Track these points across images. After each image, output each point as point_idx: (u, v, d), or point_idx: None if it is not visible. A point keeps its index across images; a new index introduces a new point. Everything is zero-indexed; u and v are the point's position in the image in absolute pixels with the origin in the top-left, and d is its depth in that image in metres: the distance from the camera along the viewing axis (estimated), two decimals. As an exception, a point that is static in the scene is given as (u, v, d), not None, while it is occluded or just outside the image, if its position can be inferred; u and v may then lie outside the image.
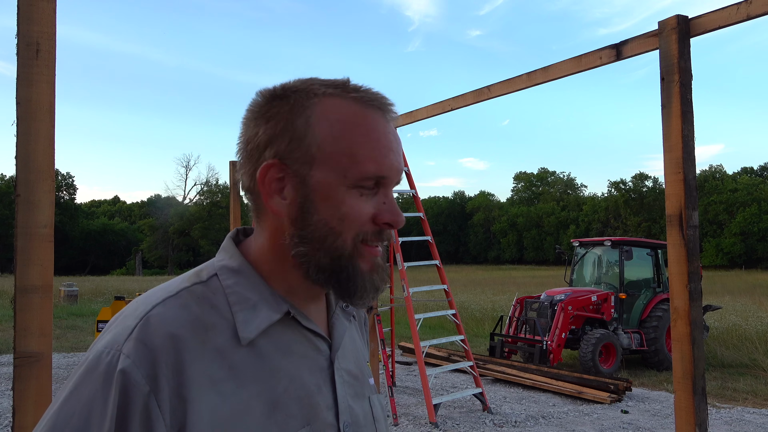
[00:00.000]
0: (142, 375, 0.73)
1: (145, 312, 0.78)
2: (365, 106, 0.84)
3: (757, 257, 58.81)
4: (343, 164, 0.82)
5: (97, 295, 23.81)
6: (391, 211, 0.86)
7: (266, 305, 0.84)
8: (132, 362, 0.73)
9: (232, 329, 0.81)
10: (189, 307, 0.80)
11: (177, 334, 0.77)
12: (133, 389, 0.72)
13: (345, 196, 0.82)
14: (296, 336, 0.87)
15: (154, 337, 0.75)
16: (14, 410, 1.89)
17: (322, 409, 0.86)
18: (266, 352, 0.83)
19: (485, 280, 34.30)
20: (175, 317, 0.78)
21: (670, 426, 6.83)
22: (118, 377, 0.72)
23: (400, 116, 5.96)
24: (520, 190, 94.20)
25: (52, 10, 1.98)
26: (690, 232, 3.00)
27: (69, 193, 73.66)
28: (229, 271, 0.86)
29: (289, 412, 0.82)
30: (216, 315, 0.81)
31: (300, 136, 0.82)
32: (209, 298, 0.83)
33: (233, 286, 0.84)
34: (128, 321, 0.78)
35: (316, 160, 0.82)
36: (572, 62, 3.84)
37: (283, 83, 0.88)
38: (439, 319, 11.94)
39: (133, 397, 0.72)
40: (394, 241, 7.27)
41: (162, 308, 0.79)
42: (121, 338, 0.76)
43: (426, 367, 7.49)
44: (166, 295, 0.82)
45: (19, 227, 1.90)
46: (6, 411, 6.98)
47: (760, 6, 2.87)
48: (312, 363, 0.87)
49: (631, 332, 10.54)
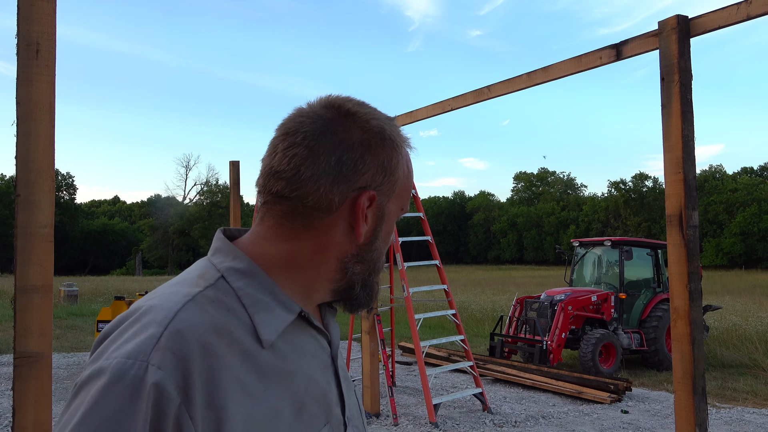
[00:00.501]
0: (174, 387, 0.70)
1: (170, 319, 0.75)
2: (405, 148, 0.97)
3: (757, 257, 58.81)
4: (403, 200, 0.96)
5: (97, 295, 23.81)
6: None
7: (280, 307, 0.84)
8: (164, 374, 0.69)
9: (251, 332, 0.80)
10: (210, 312, 0.78)
11: (207, 341, 0.75)
12: (166, 402, 0.69)
13: (392, 223, 0.96)
14: (306, 336, 0.88)
15: (184, 347, 0.72)
16: (14, 410, 1.89)
17: (334, 406, 0.89)
18: (285, 353, 0.83)
19: (485, 280, 34.30)
20: (201, 323, 0.76)
21: (670, 426, 6.83)
22: (152, 390, 0.68)
23: (400, 116, 5.96)
24: (520, 190, 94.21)
25: (52, 10, 1.98)
26: (690, 232, 3.00)
27: (69, 193, 73.68)
28: (238, 273, 0.85)
29: (312, 411, 0.84)
30: (234, 318, 0.80)
31: (392, 172, 0.91)
32: (223, 302, 0.81)
33: (245, 288, 0.83)
34: (150, 329, 0.74)
35: (394, 194, 0.93)
36: (572, 62, 3.84)
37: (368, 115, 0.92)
38: (439, 319, 11.95)
39: (166, 411, 0.68)
40: (393, 241, 7.28)
41: (186, 315, 0.76)
42: (147, 348, 0.71)
43: (426, 367, 7.49)
44: (184, 299, 0.78)
45: (19, 227, 1.90)
46: (6, 411, 6.98)
47: (760, 6, 2.87)
48: (321, 362, 0.89)
49: (631, 332, 10.54)
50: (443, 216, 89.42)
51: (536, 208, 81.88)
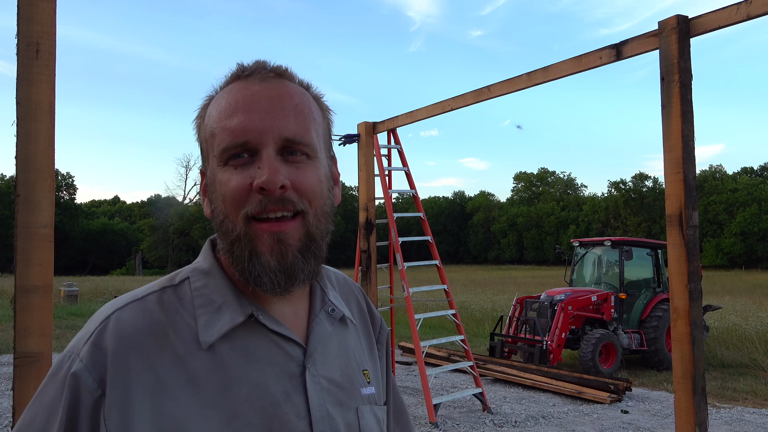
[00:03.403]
0: (93, 379, 0.74)
1: (106, 316, 0.79)
2: (232, 83, 0.83)
3: (757, 257, 58.77)
4: (211, 146, 0.81)
5: (97, 295, 23.80)
6: (261, 173, 0.77)
7: (230, 308, 0.82)
8: (84, 366, 0.74)
9: (194, 333, 0.80)
10: (151, 312, 0.80)
11: (134, 340, 0.77)
12: (83, 392, 0.73)
13: (221, 176, 0.80)
14: (263, 341, 0.83)
15: (106, 341, 0.76)
16: (14, 410, 1.89)
17: (291, 418, 0.80)
18: (228, 358, 0.80)
19: (485, 280, 34.28)
20: (133, 321, 0.78)
21: (670, 426, 6.83)
22: (70, 380, 0.74)
23: (401, 116, 5.96)
24: (520, 190, 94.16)
25: (52, 10, 1.97)
26: (690, 232, 3.00)
27: (69, 193, 73.59)
28: (200, 273, 0.86)
29: (248, 421, 0.77)
30: (180, 319, 0.80)
31: (202, 141, 0.85)
32: (175, 303, 0.82)
33: (201, 289, 0.84)
34: (90, 325, 0.79)
35: (206, 154, 0.84)
36: (572, 62, 3.84)
37: None
38: (439, 319, 11.94)
39: (81, 399, 0.73)
40: (395, 241, 7.28)
41: (122, 312, 0.79)
42: (81, 342, 0.77)
43: (426, 367, 7.49)
44: (131, 299, 0.82)
45: (19, 227, 1.90)
46: (6, 411, 6.98)
47: (760, 6, 2.87)
48: (280, 369, 0.82)
49: (631, 332, 10.53)
50: (443, 216, 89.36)
51: (536, 208, 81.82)
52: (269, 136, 0.78)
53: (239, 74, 0.83)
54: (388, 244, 7.66)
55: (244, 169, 0.78)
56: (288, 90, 0.82)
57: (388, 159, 7.59)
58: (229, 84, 0.84)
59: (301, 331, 0.88)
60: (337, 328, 0.93)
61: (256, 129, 0.78)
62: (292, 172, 0.79)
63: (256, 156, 0.78)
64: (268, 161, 0.77)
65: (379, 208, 7.05)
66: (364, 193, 6.48)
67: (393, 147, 7.46)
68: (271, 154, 0.78)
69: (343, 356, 0.92)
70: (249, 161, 0.78)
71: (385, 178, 7.39)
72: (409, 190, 7.76)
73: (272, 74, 0.82)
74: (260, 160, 0.78)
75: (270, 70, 0.83)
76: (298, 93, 0.83)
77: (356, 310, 1.02)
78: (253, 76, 0.82)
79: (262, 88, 0.81)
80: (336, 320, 0.92)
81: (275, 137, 0.78)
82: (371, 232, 6.52)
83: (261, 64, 0.84)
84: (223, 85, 0.85)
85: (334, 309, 0.92)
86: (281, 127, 0.79)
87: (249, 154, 0.78)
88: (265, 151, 0.78)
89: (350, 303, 1.01)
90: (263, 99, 0.80)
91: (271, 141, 0.78)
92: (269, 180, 0.76)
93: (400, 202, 63.00)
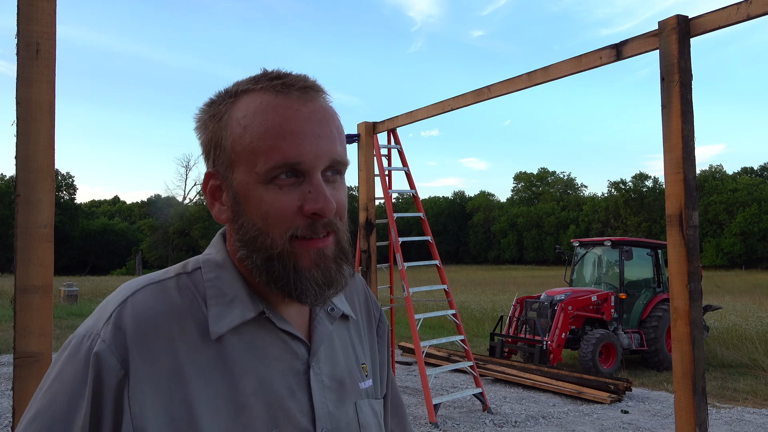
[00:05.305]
0: (117, 360, 0.74)
1: (125, 297, 0.79)
2: (274, 94, 0.81)
3: (757, 257, 58.76)
4: (250, 161, 0.79)
5: (97, 295, 23.79)
6: (315, 200, 0.79)
7: (241, 303, 0.83)
8: (107, 346, 0.75)
9: (206, 323, 0.81)
10: (169, 296, 0.81)
11: (154, 322, 0.78)
12: (107, 373, 0.74)
13: (263, 194, 0.79)
14: (271, 337, 0.85)
15: (126, 321, 0.77)
16: (14, 410, 1.89)
17: (295, 414, 0.83)
18: (237, 350, 0.81)
19: (485, 280, 34.28)
20: (153, 304, 0.79)
21: (670, 426, 6.83)
22: (93, 360, 0.74)
23: (401, 116, 5.96)
24: (520, 190, 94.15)
25: (52, 10, 1.97)
26: (690, 232, 3.00)
27: (69, 193, 73.59)
28: (213, 265, 0.86)
29: (255, 414, 0.80)
30: (195, 306, 0.82)
31: (220, 140, 0.83)
32: (192, 289, 0.83)
33: (213, 280, 0.84)
34: (109, 306, 0.80)
35: (234, 162, 0.81)
36: (572, 62, 3.84)
37: (214, 95, 0.88)
38: (439, 319, 11.94)
39: (106, 381, 0.74)
40: (394, 241, 7.28)
41: (142, 294, 0.80)
42: (101, 323, 0.78)
43: (426, 367, 7.49)
44: (148, 281, 0.82)
45: (19, 227, 1.90)
46: (6, 411, 6.98)
47: (760, 6, 2.87)
48: (286, 366, 0.85)
49: (631, 332, 10.54)
50: (443, 216, 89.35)
51: (536, 208, 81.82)
52: (321, 160, 0.80)
53: (274, 86, 0.81)
54: (388, 244, 7.65)
55: (291, 190, 0.79)
56: (329, 111, 0.84)
57: (388, 159, 7.59)
58: (257, 92, 0.82)
59: (304, 330, 0.90)
60: (337, 326, 0.95)
61: (312, 153, 0.79)
62: (332, 193, 0.82)
63: (303, 177, 0.80)
64: (319, 187, 0.80)
65: (379, 208, 7.05)
66: (364, 193, 6.48)
67: (393, 147, 7.46)
68: (320, 179, 0.80)
69: (343, 353, 0.94)
70: (296, 182, 0.80)
71: (385, 178, 7.39)
72: (409, 190, 7.76)
73: (312, 91, 0.83)
74: (310, 183, 0.80)
75: (309, 86, 0.83)
76: (335, 113, 0.85)
77: (361, 302, 1.05)
78: (292, 91, 0.81)
79: (308, 109, 0.81)
80: (335, 319, 0.94)
81: (325, 161, 0.81)
82: (371, 232, 6.52)
83: (298, 79, 0.83)
84: (245, 89, 0.83)
85: (333, 308, 0.94)
86: (331, 151, 0.81)
87: (296, 175, 0.80)
88: (315, 175, 0.80)
89: (353, 298, 1.03)
90: (314, 122, 0.80)
91: (322, 165, 0.80)
92: (324, 208, 0.79)
93: (400, 202, 63.01)
